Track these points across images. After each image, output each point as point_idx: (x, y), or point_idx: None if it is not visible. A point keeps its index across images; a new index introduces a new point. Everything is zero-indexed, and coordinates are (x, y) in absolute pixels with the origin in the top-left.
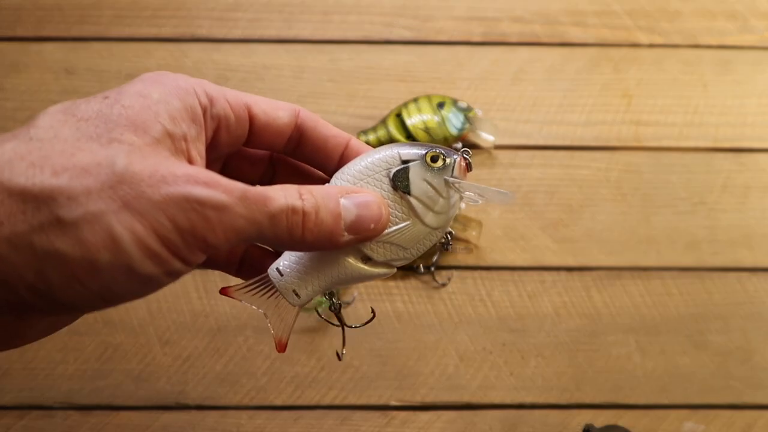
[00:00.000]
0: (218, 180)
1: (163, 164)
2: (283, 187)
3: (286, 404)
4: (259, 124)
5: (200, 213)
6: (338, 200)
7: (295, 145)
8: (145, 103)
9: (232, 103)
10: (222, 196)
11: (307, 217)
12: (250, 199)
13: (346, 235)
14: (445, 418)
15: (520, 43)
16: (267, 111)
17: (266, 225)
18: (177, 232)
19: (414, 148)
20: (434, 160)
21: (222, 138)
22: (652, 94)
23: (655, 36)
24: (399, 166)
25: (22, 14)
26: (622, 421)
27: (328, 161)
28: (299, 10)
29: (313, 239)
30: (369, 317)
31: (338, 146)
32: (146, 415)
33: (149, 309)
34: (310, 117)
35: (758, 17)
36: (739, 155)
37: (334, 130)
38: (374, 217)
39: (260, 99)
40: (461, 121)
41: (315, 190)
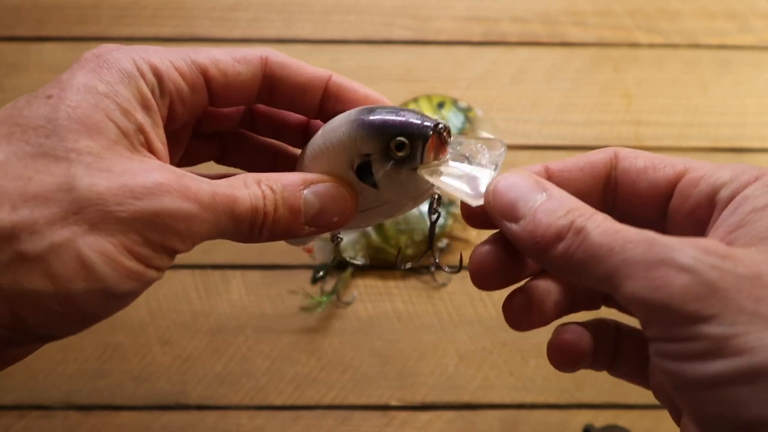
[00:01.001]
0: (187, 186)
1: (128, 173)
2: (246, 182)
3: (286, 404)
4: (218, 86)
5: (170, 226)
6: (300, 193)
7: (268, 95)
8: (92, 99)
9: (183, 72)
10: (191, 206)
11: (267, 216)
12: (217, 204)
13: (307, 228)
14: (445, 418)
15: (520, 43)
16: (226, 70)
17: (230, 227)
18: (149, 246)
19: (374, 127)
20: (399, 148)
21: (178, 111)
22: (652, 94)
23: (655, 36)
24: (360, 158)
25: (22, 14)
26: (622, 421)
27: (308, 106)
28: (299, 10)
29: (269, 235)
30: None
31: (316, 89)
32: (146, 415)
33: (149, 309)
34: (280, 64)
35: (758, 17)
36: (739, 155)
37: (308, 72)
38: (338, 211)
39: (219, 55)
40: (461, 120)
41: (277, 182)
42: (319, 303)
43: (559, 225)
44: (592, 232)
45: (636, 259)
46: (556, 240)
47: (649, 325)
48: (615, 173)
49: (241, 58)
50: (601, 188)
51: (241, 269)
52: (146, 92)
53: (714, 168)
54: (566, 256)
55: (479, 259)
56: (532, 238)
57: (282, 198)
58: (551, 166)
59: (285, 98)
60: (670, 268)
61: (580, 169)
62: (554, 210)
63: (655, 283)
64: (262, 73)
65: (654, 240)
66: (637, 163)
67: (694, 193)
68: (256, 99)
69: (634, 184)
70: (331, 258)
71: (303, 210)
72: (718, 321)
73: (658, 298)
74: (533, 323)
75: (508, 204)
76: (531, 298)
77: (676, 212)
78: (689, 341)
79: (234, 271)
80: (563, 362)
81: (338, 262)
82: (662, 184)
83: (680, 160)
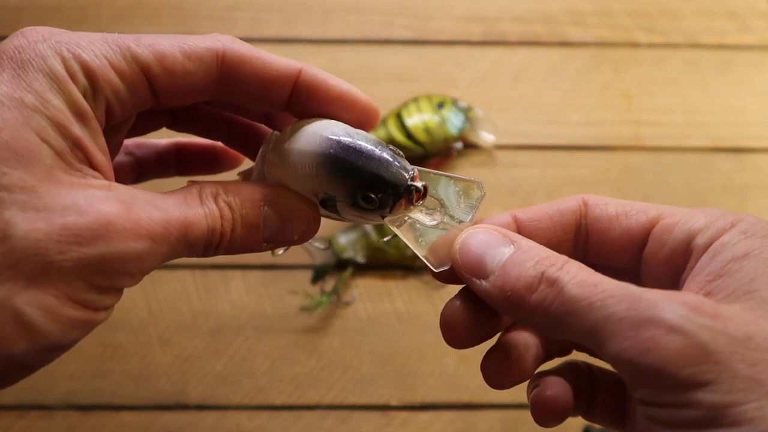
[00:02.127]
0: (137, 219)
1: (70, 210)
2: (202, 196)
3: (286, 404)
4: (163, 86)
5: (120, 269)
6: (259, 209)
7: (226, 91)
8: (19, 116)
9: (120, 71)
10: (143, 245)
11: (223, 237)
12: (171, 234)
13: (265, 245)
14: (445, 418)
15: (520, 43)
16: (173, 68)
17: (183, 251)
18: (95, 291)
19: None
20: (366, 200)
21: (116, 113)
22: (652, 94)
23: (655, 36)
24: (324, 194)
25: (22, 14)
26: None
27: (273, 103)
28: (299, 9)
29: (224, 253)
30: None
31: (283, 87)
32: (146, 415)
33: (149, 309)
34: (240, 59)
35: (758, 17)
36: (739, 155)
37: (273, 68)
38: (299, 230)
39: (166, 47)
40: (461, 120)
41: (236, 196)
42: (319, 303)
43: (528, 276)
44: (568, 284)
45: (619, 316)
46: (528, 293)
47: (638, 387)
48: (585, 221)
49: (192, 53)
50: (572, 237)
51: (241, 269)
52: (79, 99)
53: (688, 213)
54: (541, 309)
55: (450, 317)
56: (502, 293)
57: (241, 216)
58: (520, 215)
59: (246, 96)
60: (659, 329)
61: (549, 218)
62: (523, 261)
63: (644, 345)
64: (218, 71)
65: (637, 295)
66: (608, 210)
67: (670, 240)
68: (212, 95)
69: (607, 232)
70: (332, 258)
71: (262, 227)
72: (713, 388)
73: (650, 362)
74: (515, 381)
75: (474, 261)
76: (510, 355)
77: (650, 259)
78: (683, 408)
79: (234, 271)
80: (548, 419)
81: (338, 262)
82: (636, 231)
83: (652, 206)
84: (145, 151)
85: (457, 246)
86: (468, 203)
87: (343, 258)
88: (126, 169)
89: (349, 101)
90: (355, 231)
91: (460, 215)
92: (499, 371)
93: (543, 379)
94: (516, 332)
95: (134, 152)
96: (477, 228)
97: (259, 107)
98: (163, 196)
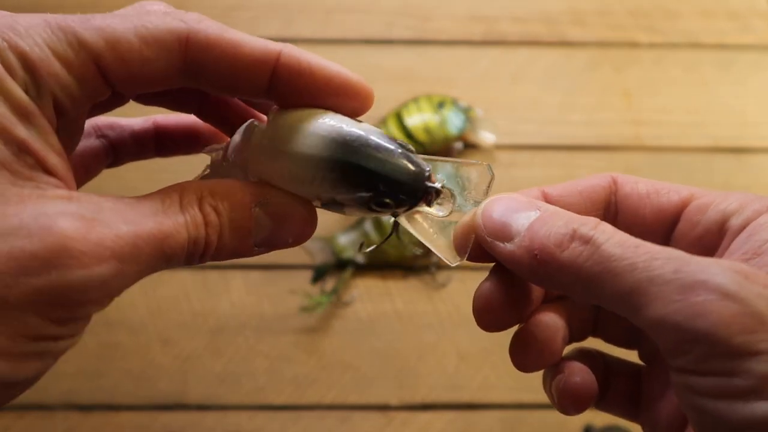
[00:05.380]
0: (99, 239)
1: (17, 232)
2: (183, 202)
3: (286, 404)
4: (118, 77)
5: (80, 299)
6: (249, 212)
7: (194, 79)
8: None
9: (67, 61)
10: (107, 268)
11: (209, 246)
12: (143, 251)
13: (256, 250)
14: (445, 418)
15: (520, 42)
16: (129, 56)
17: (160, 266)
18: (54, 323)
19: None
20: (380, 205)
21: (67, 107)
22: (652, 93)
23: (655, 36)
24: (330, 199)
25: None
26: (622, 421)
27: (250, 91)
28: (299, 9)
29: (212, 260)
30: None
31: (260, 73)
32: (146, 415)
33: (149, 309)
34: (206, 43)
35: (758, 17)
36: (739, 155)
37: (246, 52)
38: (294, 233)
39: (120, 32)
40: (461, 120)
41: (224, 200)
42: (319, 303)
43: (558, 233)
44: (606, 243)
45: (666, 278)
46: (557, 249)
47: (680, 354)
48: (615, 198)
49: (150, 37)
50: (601, 214)
51: (241, 269)
52: (20, 96)
53: (721, 195)
54: (573, 267)
55: (483, 299)
56: (529, 252)
57: (229, 220)
58: (548, 190)
59: (217, 84)
60: (712, 293)
61: (579, 194)
62: (551, 221)
63: (694, 309)
64: (182, 57)
65: (685, 258)
66: (639, 188)
67: (703, 220)
68: (177, 83)
69: (637, 210)
70: (332, 258)
71: (253, 231)
72: (767, 358)
73: (700, 326)
74: (545, 363)
75: (498, 223)
76: (539, 337)
77: (681, 239)
78: (731, 377)
79: (234, 271)
80: (574, 407)
81: (338, 261)
82: (667, 210)
83: (683, 187)
84: (119, 132)
85: (479, 212)
86: (478, 188)
87: (343, 258)
88: (99, 153)
89: (339, 85)
90: (355, 231)
91: (471, 202)
92: (529, 353)
93: (567, 365)
94: (543, 313)
95: (107, 134)
96: (500, 195)
97: (235, 95)
98: (136, 202)
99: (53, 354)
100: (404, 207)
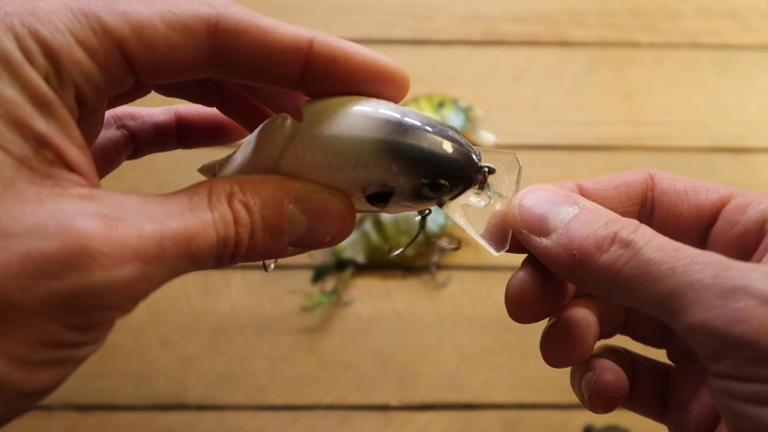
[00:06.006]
0: (122, 239)
1: (34, 233)
2: (212, 199)
3: (286, 404)
4: (144, 65)
5: (101, 304)
6: (283, 209)
7: (223, 68)
8: None
9: (90, 47)
10: (131, 270)
11: (239, 246)
12: (169, 251)
13: (291, 249)
14: (445, 418)
15: (520, 42)
16: (154, 42)
17: (188, 268)
18: (75, 330)
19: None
20: (435, 189)
21: (89, 97)
22: (653, 93)
23: (655, 36)
24: (379, 187)
25: None
26: (623, 421)
27: (282, 80)
28: (299, 10)
29: (244, 261)
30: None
31: (293, 61)
32: (146, 415)
33: (149, 309)
34: (236, 29)
35: (758, 17)
36: (739, 155)
37: (279, 39)
38: (331, 231)
39: (146, 16)
40: (461, 120)
41: (255, 195)
42: (319, 303)
43: (599, 235)
44: (645, 247)
45: (705, 282)
46: (597, 251)
47: (720, 359)
48: (652, 194)
49: (177, 22)
50: (637, 210)
51: (241, 269)
52: (41, 86)
53: (761, 195)
54: (611, 271)
55: (516, 290)
56: (567, 251)
57: (261, 218)
58: (584, 183)
59: (247, 73)
60: (753, 299)
61: (615, 188)
62: (591, 221)
63: (735, 315)
64: (210, 44)
65: (725, 263)
66: (676, 185)
67: (743, 220)
68: (205, 73)
69: (675, 207)
70: (332, 258)
71: (287, 230)
72: None
73: (741, 332)
74: (576, 359)
75: (536, 217)
76: (572, 332)
77: (718, 238)
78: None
79: (234, 271)
80: (606, 405)
81: (338, 261)
82: (706, 208)
83: (722, 186)
84: (140, 123)
85: (516, 202)
86: (509, 178)
87: (343, 258)
88: (119, 144)
89: (375, 71)
90: (355, 231)
91: (505, 191)
92: (563, 348)
93: (597, 363)
94: (575, 309)
95: (128, 125)
96: (538, 185)
97: (265, 85)
98: (162, 200)
99: (73, 361)
100: (458, 189)
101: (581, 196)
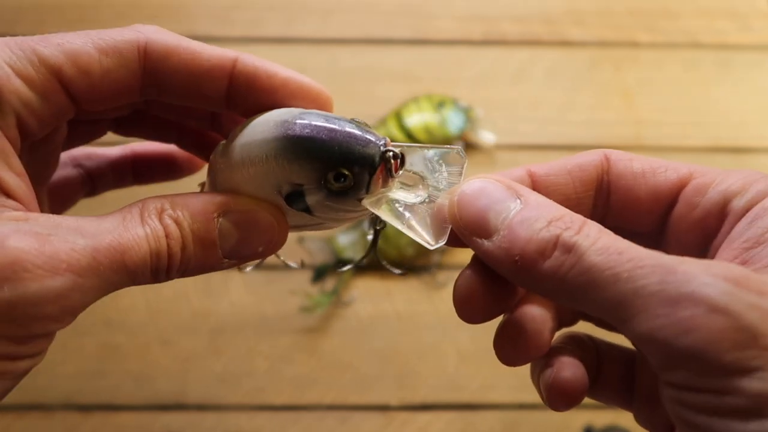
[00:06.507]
0: (54, 253)
1: None
2: (143, 215)
3: (286, 404)
4: (80, 90)
5: (36, 314)
6: (213, 222)
7: (155, 89)
8: None
9: (28, 78)
10: (63, 281)
11: (173, 258)
12: (102, 263)
13: (227, 261)
14: (445, 418)
15: (520, 42)
16: (89, 67)
17: (124, 281)
18: (10, 342)
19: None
20: (338, 179)
21: (32, 126)
22: (653, 93)
23: (656, 36)
24: (289, 186)
25: (22, 14)
26: (623, 421)
27: (208, 100)
28: (299, 9)
29: (181, 275)
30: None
31: (217, 80)
32: (146, 415)
33: (149, 309)
34: (164, 51)
35: (758, 17)
36: (740, 155)
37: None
38: (263, 240)
39: (79, 45)
40: (461, 120)
41: (184, 209)
42: (319, 303)
43: (540, 239)
44: (588, 251)
45: (650, 290)
46: (540, 258)
47: (670, 370)
48: (607, 177)
49: (109, 48)
50: (592, 195)
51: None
52: None
53: (722, 174)
54: (555, 278)
55: (463, 288)
56: (509, 257)
57: (191, 232)
58: (535, 169)
59: (177, 93)
60: (699, 307)
61: (568, 173)
62: (533, 220)
63: (681, 325)
64: (142, 66)
65: (671, 266)
66: (633, 166)
67: (703, 202)
68: (139, 95)
69: (631, 190)
70: (332, 258)
71: (219, 243)
72: (761, 375)
73: (687, 343)
74: (531, 356)
75: (476, 216)
76: (526, 329)
77: (678, 222)
78: (724, 395)
79: (234, 271)
80: (564, 402)
81: (338, 261)
82: (664, 190)
83: (682, 164)
84: (97, 161)
85: (455, 198)
86: (450, 171)
87: (343, 258)
88: (75, 183)
89: (296, 88)
90: (355, 231)
91: (445, 185)
92: (516, 346)
93: (556, 359)
94: (528, 305)
95: (84, 164)
96: (477, 177)
97: (195, 104)
98: (97, 219)
99: (13, 375)
100: (364, 179)
101: (531, 184)
